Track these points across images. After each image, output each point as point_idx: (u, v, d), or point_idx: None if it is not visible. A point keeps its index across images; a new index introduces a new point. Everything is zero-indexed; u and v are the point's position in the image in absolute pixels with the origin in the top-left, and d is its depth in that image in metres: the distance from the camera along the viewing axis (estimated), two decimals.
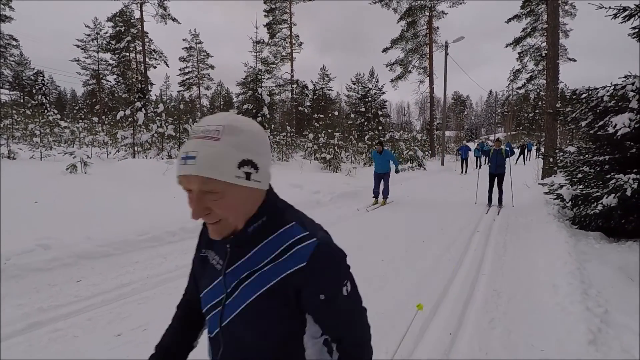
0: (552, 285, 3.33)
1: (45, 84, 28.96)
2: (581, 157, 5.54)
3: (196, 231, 4.12)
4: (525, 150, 22.67)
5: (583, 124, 5.16)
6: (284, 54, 32.30)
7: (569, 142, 18.28)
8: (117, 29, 31.62)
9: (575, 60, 25.35)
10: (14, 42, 31.41)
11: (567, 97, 5.51)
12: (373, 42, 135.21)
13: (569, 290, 3.11)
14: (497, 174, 7.68)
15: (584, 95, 5.01)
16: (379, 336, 2.20)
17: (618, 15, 4.67)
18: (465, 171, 16.74)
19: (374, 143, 7.93)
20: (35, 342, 2.39)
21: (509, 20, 23.73)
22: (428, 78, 26.13)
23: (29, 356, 2.25)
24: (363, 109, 25.35)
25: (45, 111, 16.13)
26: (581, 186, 5.22)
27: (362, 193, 9.27)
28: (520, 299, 3.18)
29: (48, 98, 27.77)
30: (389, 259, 4.26)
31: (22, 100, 25.87)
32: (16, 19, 28.10)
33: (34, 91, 26.48)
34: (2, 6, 26.42)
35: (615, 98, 4.58)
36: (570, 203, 5.43)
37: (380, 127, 23.44)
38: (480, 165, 21.42)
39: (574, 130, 6.42)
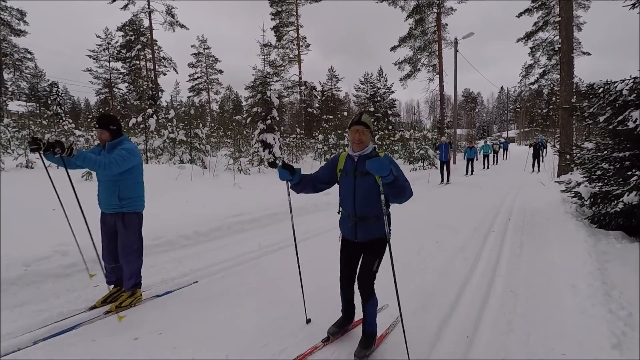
0: (572, 286, 3.24)
1: (60, 94, 29.58)
2: (599, 154, 5.36)
3: (210, 235, 4.14)
4: (539, 151, 16.50)
5: (601, 119, 4.97)
6: (291, 56, 32.40)
7: (585, 138, 17.06)
8: (127, 38, 32.23)
9: (589, 54, 24.71)
10: (29, 55, 32.32)
11: (583, 91, 5.32)
12: (380, 43, 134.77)
13: (589, 292, 3.02)
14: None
15: (601, 90, 4.85)
16: None
17: (637, 5, 4.50)
18: (448, 179, 12.06)
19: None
20: (55, 348, 2.44)
21: (520, 14, 23.26)
22: (438, 76, 25.83)
23: None
24: (372, 109, 25.21)
25: (61, 121, 16.57)
26: (600, 183, 5.06)
27: None
28: (538, 301, 3.09)
29: (63, 108, 28.33)
30: None
31: (38, 111, 26.57)
32: (31, 32, 29.06)
33: (49, 102, 27.13)
34: (15, 20, 27.28)
35: (636, 91, 4.42)
36: (589, 201, 5.27)
37: (390, 127, 23.25)
38: (487, 166, 19.90)
39: (591, 126, 6.21)
